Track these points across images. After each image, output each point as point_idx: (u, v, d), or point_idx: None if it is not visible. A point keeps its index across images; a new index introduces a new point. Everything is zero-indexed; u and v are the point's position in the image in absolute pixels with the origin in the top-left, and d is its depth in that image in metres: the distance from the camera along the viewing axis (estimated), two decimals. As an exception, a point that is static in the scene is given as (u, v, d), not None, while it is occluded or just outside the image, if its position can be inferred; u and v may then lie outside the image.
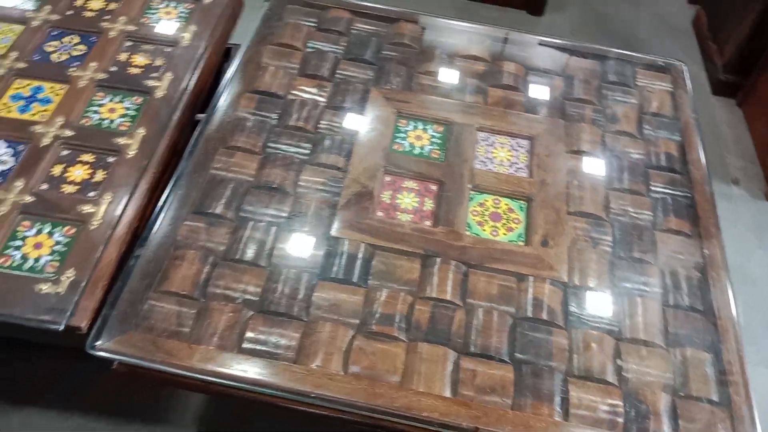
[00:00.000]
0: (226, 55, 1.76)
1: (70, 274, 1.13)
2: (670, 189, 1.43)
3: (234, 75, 1.51)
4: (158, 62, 1.51)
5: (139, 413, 1.59)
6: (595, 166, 1.45)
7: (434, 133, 1.47)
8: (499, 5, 2.79)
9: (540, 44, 1.70)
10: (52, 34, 1.55)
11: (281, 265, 1.21)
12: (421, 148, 1.44)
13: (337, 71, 1.56)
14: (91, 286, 1.11)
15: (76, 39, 1.54)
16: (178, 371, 1.07)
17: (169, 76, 1.47)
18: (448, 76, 1.59)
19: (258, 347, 1.10)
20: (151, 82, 1.45)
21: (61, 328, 1.05)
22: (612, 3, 2.85)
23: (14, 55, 1.47)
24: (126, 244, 1.18)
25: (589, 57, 1.70)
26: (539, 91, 1.58)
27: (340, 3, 1.73)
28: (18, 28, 1.55)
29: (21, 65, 1.45)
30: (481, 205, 1.35)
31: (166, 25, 1.60)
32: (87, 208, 1.22)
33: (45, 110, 1.39)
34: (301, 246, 1.24)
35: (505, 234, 1.31)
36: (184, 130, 1.40)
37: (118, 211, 1.22)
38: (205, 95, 1.53)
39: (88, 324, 1.07)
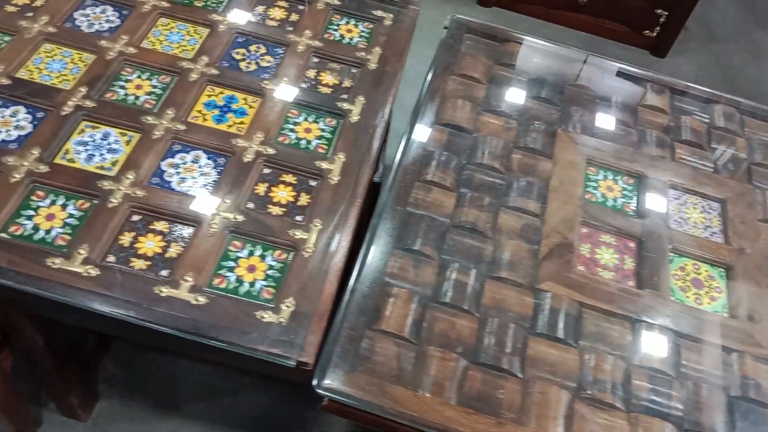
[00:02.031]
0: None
1: (289, 304, 1.10)
2: None
3: (422, 104, 1.48)
4: (347, 83, 1.48)
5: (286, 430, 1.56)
6: (788, 238, 1.40)
7: (625, 186, 1.43)
8: (623, 43, 2.75)
9: (712, 100, 1.66)
10: (237, 40, 1.52)
11: (490, 314, 1.17)
12: (614, 200, 1.40)
13: (522, 109, 1.53)
14: (316, 319, 1.07)
15: (263, 49, 1.51)
16: (403, 421, 1.03)
17: (361, 100, 1.43)
18: (632, 125, 1.55)
19: (479, 402, 1.07)
20: (344, 105, 1.42)
21: (293, 364, 1.02)
22: (736, 53, 2.80)
23: (204, 59, 1.45)
24: (341, 277, 1.15)
25: (765, 119, 1.65)
26: (724, 151, 1.54)
27: (516, 37, 1.69)
28: (204, 30, 1.52)
29: (213, 71, 1.42)
30: (681, 269, 1.31)
31: (351, 44, 1.57)
32: (298, 234, 1.19)
33: (241, 123, 1.36)
34: (507, 296, 1.20)
35: (708, 303, 1.27)
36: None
37: (333, 241, 1.18)
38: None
39: (314, 360, 1.04)
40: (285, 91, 1.42)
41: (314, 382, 1.03)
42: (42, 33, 1.43)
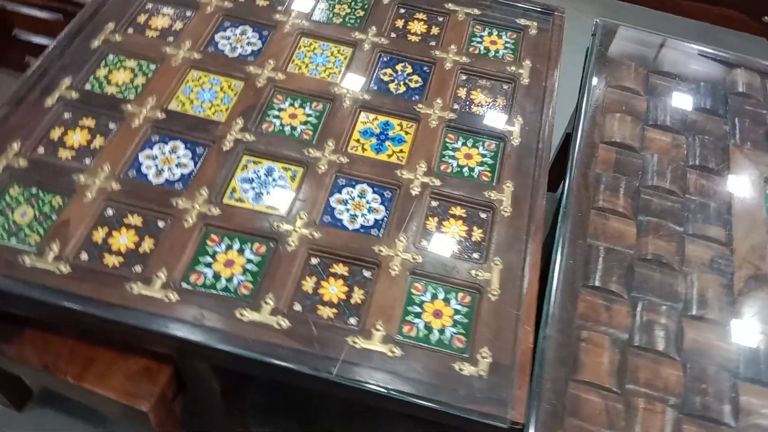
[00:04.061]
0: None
1: (485, 354, 1.04)
2: None
3: (580, 120, 1.39)
4: (500, 101, 1.40)
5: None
6: None
7: (811, 207, 1.32)
8: (738, 30, 2.58)
9: None
10: (383, 59, 1.45)
11: (693, 359, 1.09)
12: (802, 223, 1.29)
13: (687, 122, 1.42)
14: (519, 372, 1.01)
15: (409, 68, 1.44)
16: (621, 482, 0.97)
17: (519, 120, 1.35)
18: (808, 137, 1.43)
19: (698, 460, 0.99)
20: (503, 127, 1.34)
21: (507, 425, 0.96)
22: None
23: (354, 83, 1.38)
24: (535, 322, 1.08)
25: None
26: None
27: (666, 41, 1.58)
28: (347, 50, 1.46)
29: (364, 96, 1.36)
30: None
31: (497, 57, 1.48)
32: (480, 274, 1.13)
33: (401, 151, 1.29)
34: (708, 337, 1.12)
35: None
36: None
37: (518, 282, 1.12)
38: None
39: (524, 419, 0.98)
40: (439, 115, 1.35)
41: (524, 442, 0.98)
42: (188, 60, 1.39)
